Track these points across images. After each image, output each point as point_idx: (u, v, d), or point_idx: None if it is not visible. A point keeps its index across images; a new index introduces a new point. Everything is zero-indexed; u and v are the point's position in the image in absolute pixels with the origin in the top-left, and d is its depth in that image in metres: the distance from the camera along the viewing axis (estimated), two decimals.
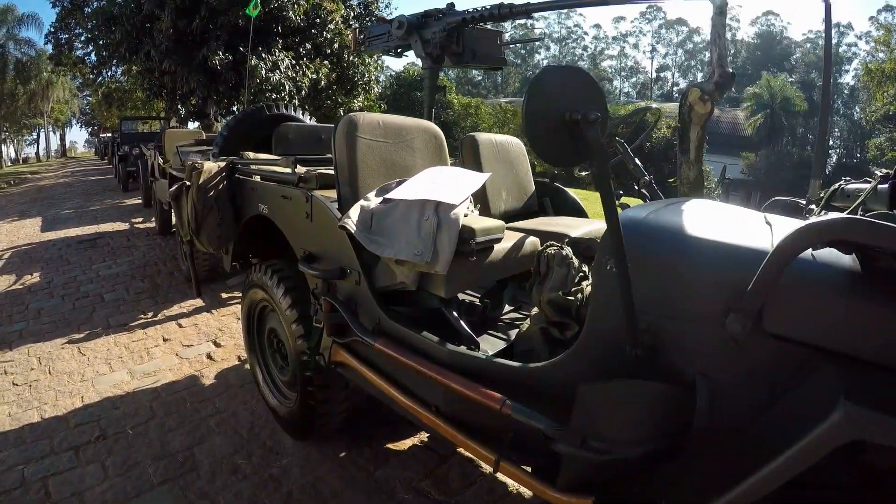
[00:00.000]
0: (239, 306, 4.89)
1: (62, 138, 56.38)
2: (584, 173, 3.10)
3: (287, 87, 13.93)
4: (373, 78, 17.41)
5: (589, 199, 4.95)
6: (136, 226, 9.33)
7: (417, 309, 2.25)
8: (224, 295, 5.24)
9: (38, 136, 50.39)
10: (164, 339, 4.27)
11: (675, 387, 1.32)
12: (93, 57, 18.28)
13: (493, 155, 3.37)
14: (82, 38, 18.37)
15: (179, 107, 18.25)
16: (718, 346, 1.31)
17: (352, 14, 17.82)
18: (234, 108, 17.50)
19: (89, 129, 54.44)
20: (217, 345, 4.16)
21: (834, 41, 39.39)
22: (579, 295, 1.81)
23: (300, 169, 2.60)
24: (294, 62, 14.52)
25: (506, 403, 1.54)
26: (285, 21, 14.10)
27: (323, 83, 15.21)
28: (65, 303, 5.21)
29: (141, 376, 3.68)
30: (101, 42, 16.74)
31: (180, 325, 4.56)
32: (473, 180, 2.32)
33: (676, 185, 6.91)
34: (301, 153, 3.77)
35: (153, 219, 9.27)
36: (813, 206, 3.94)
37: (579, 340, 1.52)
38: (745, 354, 1.28)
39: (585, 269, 1.98)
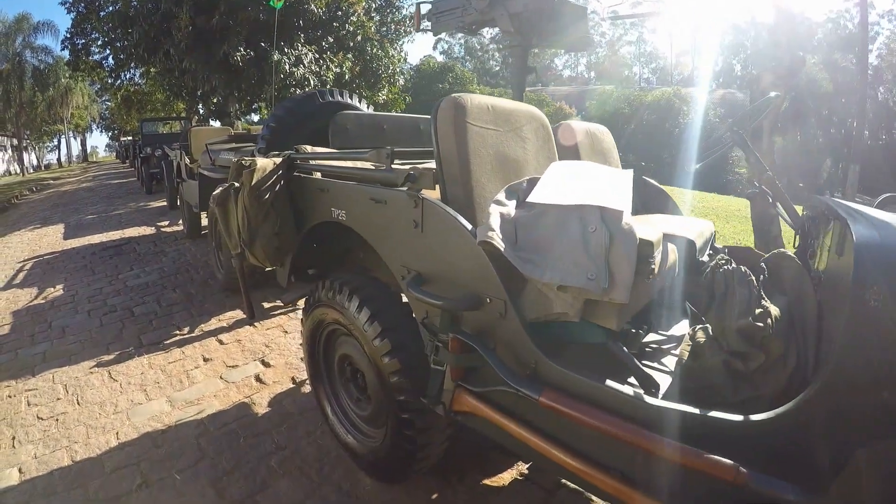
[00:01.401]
0: (285, 318, 4.42)
1: (83, 143, 56.68)
2: (697, 165, 2.66)
3: (311, 82, 13.48)
4: (397, 70, 16.91)
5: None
6: (162, 230, 8.89)
7: (561, 343, 1.74)
8: (266, 305, 4.72)
9: (59, 142, 50.68)
10: (205, 359, 3.77)
11: None
12: (110, 60, 18.03)
13: (589, 145, 2.93)
14: (99, 42, 18.15)
15: (200, 106, 17.95)
16: None
17: (373, 6, 17.37)
18: (256, 106, 17.17)
19: (109, 134, 54.71)
20: (265, 364, 3.66)
21: (856, 20, 38.40)
22: (769, 320, 1.50)
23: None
24: (317, 56, 14.06)
25: (740, 471, 1.22)
26: (307, 14, 13.63)
27: (347, 77, 14.73)
28: (91, 319, 4.74)
29: (182, 405, 3.19)
30: (118, 44, 16.48)
31: (221, 342, 4.06)
32: (622, 178, 1.89)
33: (749, 176, 6.53)
34: (362, 145, 3.29)
35: (180, 221, 8.86)
36: None
37: (819, 385, 1.21)
38: None
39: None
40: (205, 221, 7.18)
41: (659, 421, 1.34)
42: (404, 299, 2.23)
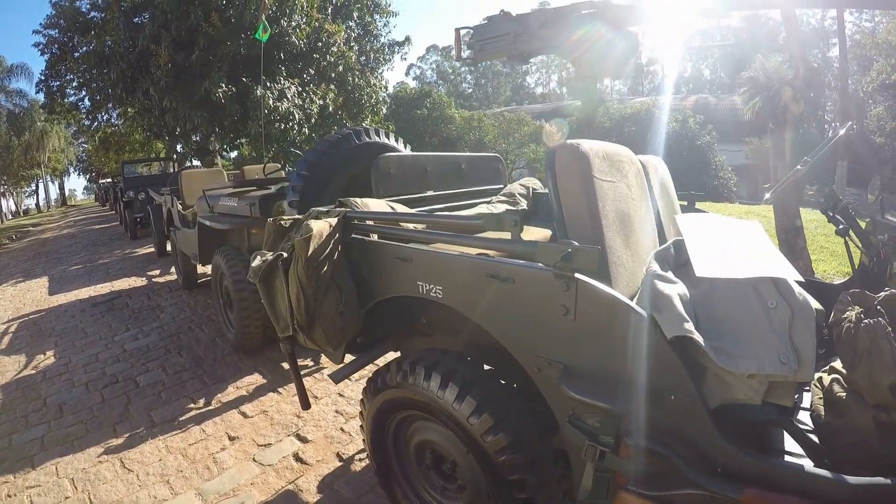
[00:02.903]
0: (311, 380, 3.99)
1: (61, 187, 55.93)
2: (768, 195, 2.46)
3: (296, 116, 13.09)
4: (380, 99, 16.63)
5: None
6: (154, 280, 8.38)
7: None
8: (286, 366, 4.26)
9: (37, 186, 49.90)
10: (231, 438, 3.33)
11: None
12: (86, 102, 17.64)
13: (658, 182, 2.63)
14: (74, 84, 17.77)
15: (179, 146, 17.53)
16: None
17: (351, 36, 17.17)
18: (238, 143, 16.78)
19: (87, 176, 53.97)
20: (302, 439, 3.23)
21: (818, 15, 39.35)
22: None
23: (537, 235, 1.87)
24: (300, 89, 13.71)
25: None
26: (287, 47, 13.28)
27: (331, 108, 14.37)
28: (90, 392, 4.25)
29: (216, 499, 2.74)
30: (94, 85, 16.06)
31: (245, 415, 3.61)
32: (759, 235, 1.78)
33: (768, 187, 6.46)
34: (406, 191, 2.93)
35: (172, 270, 8.39)
36: None
37: None
38: None
39: None
40: (203, 270, 6.73)
41: (857, 498, 1.23)
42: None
